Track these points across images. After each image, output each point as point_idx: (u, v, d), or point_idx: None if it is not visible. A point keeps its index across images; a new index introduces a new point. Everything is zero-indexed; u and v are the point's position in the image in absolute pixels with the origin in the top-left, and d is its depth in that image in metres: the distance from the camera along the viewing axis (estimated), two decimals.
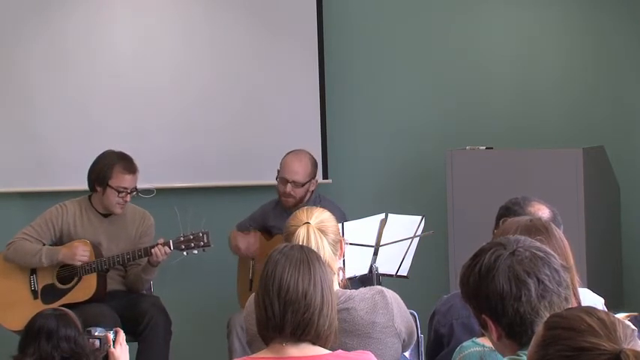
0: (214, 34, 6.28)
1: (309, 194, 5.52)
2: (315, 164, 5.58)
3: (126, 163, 5.26)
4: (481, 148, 5.80)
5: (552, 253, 2.35)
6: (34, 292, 5.27)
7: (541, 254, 2.31)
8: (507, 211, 3.67)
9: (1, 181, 6.27)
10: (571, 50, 6.32)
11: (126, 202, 5.26)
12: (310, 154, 5.59)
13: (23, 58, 6.23)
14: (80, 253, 5.16)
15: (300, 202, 5.43)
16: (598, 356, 1.75)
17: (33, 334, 3.50)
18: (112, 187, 5.22)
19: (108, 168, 5.23)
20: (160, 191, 5.98)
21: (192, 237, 5.19)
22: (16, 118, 6.25)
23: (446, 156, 5.77)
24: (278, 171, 5.54)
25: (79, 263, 5.16)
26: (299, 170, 5.46)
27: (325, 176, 6.26)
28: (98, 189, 5.26)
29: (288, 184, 5.44)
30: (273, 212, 5.61)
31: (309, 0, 6.27)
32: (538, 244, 2.36)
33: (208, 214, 5.60)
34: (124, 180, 5.22)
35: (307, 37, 6.28)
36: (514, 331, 2.28)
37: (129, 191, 5.24)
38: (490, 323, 2.29)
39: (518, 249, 2.31)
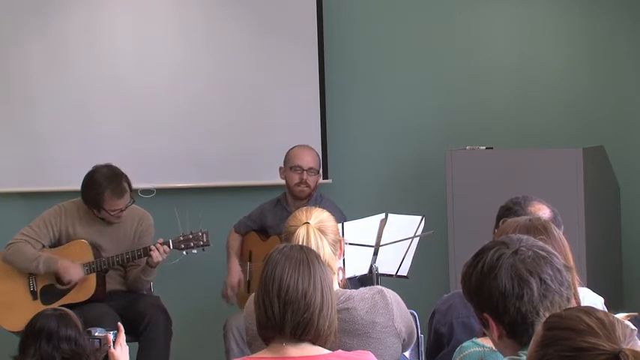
0: (214, 35, 6.28)
1: (316, 188, 5.57)
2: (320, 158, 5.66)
3: (114, 187, 5.17)
4: (481, 148, 5.80)
5: (554, 252, 2.35)
6: (34, 293, 5.27)
7: (543, 254, 2.31)
8: (508, 211, 3.66)
9: (1, 181, 6.27)
10: (571, 50, 6.32)
11: (122, 215, 5.26)
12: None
13: (23, 58, 6.23)
14: (74, 273, 5.15)
15: (314, 192, 5.47)
16: (597, 356, 1.75)
17: (33, 334, 3.49)
18: (107, 210, 5.22)
19: (99, 196, 5.18)
20: (160, 191, 5.99)
21: (191, 236, 5.19)
22: (16, 118, 6.25)
23: (446, 156, 5.76)
24: (281, 167, 5.57)
25: (66, 279, 5.16)
26: (311, 158, 5.55)
27: (325, 176, 6.26)
28: (94, 210, 5.26)
29: (305, 172, 5.48)
30: (272, 212, 5.62)
31: (309, 0, 6.27)
32: (540, 243, 2.36)
33: (208, 214, 5.61)
34: (115, 204, 5.20)
35: (307, 37, 6.27)
36: (515, 330, 2.28)
37: (123, 209, 5.24)
38: (491, 322, 2.29)
39: (521, 248, 2.31)
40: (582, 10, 6.31)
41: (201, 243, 5.20)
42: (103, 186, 5.18)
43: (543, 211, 3.64)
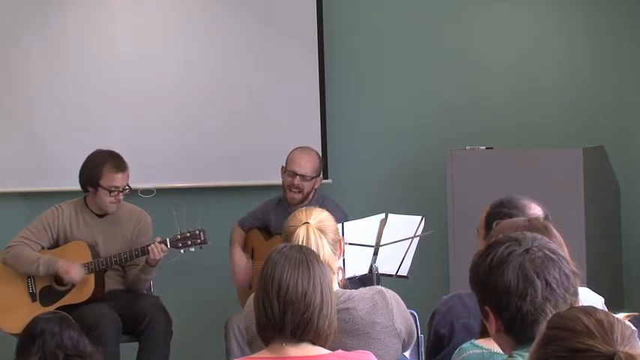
0: (214, 35, 6.28)
1: (313, 192, 5.54)
2: (321, 162, 5.63)
3: (115, 161, 5.23)
4: (481, 148, 5.80)
5: (565, 257, 2.35)
6: (32, 295, 5.26)
7: (554, 257, 2.31)
8: (501, 214, 3.60)
9: (1, 181, 6.26)
10: (571, 50, 6.32)
11: (119, 200, 5.24)
12: (317, 152, 5.62)
13: (23, 58, 6.23)
14: (75, 273, 5.12)
15: (306, 199, 5.46)
16: (592, 358, 1.75)
17: (34, 336, 3.51)
18: (104, 187, 5.20)
19: (98, 168, 5.20)
20: (160, 191, 5.98)
21: (188, 235, 5.19)
22: (16, 118, 6.25)
23: (446, 156, 5.76)
24: (283, 167, 5.56)
25: (67, 279, 5.15)
26: (307, 164, 5.50)
27: (325, 176, 6.25)
28: (90, 189, 5.24)
29: (297, 176, 5.46)
30: (275, 211, 5.61)
31: (310, 0, 6.27)
32: (553, 245, 2.36)
33: (208, 214, 5.60)
34: (114, 179, 5.20)
35: (307, 37, 6.27)
36: (513, 328, 2.29)
37: (120, 190, 5.22)
38: (491, 315, 2.31)
39: (533, 247, 2.31)
40: (583, 10, 6.31)
41: (199, 241, 5.19)
42: (103, 157, 5.23)
43: (536, 210, 3.59)
